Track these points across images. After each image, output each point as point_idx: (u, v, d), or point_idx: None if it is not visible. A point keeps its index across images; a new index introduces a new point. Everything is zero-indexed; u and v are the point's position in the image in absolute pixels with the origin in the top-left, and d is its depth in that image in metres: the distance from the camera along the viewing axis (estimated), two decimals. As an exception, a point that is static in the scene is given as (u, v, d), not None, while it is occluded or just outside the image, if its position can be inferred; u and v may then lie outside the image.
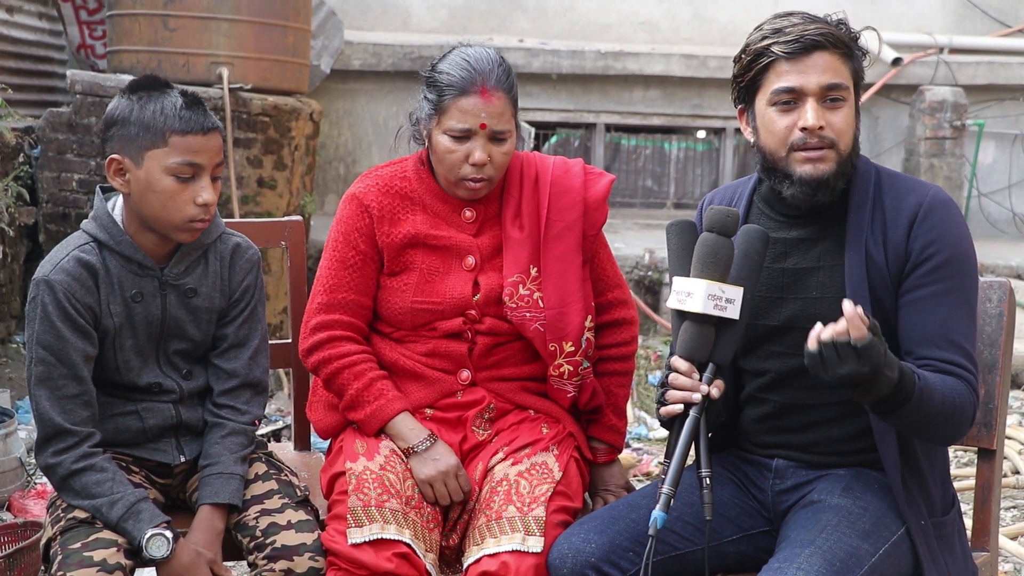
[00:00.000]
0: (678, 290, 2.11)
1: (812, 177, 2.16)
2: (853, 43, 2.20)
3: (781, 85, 2.16)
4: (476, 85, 2.41)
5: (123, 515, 2.24)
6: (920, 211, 2.18)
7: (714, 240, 2.09)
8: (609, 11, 8.38)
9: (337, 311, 2.51)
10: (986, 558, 2.39)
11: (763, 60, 2.17)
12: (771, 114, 2.19)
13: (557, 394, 2.55)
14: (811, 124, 2.14)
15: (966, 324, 2.15)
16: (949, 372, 2.11)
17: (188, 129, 2.28)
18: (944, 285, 2.14)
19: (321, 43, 6.80)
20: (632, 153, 8.31)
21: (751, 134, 2.26)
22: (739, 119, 2.29)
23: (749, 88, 2.22)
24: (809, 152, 2.16)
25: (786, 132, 2.17)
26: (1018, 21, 8.65)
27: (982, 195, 8.41)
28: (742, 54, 2.22)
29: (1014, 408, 5.49)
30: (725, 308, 2.08)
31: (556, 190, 2.53)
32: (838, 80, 2.15)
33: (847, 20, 2.22)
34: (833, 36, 2.16)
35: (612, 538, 2.21)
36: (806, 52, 2.14)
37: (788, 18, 2.19)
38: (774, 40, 2.16)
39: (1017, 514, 4.26)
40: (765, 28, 2.20)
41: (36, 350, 2.29)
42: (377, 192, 2.53)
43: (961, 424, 2.12)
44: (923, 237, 2.16)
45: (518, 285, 2.49)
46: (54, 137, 5.52)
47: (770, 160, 2.21)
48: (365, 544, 2.28)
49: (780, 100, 2.17)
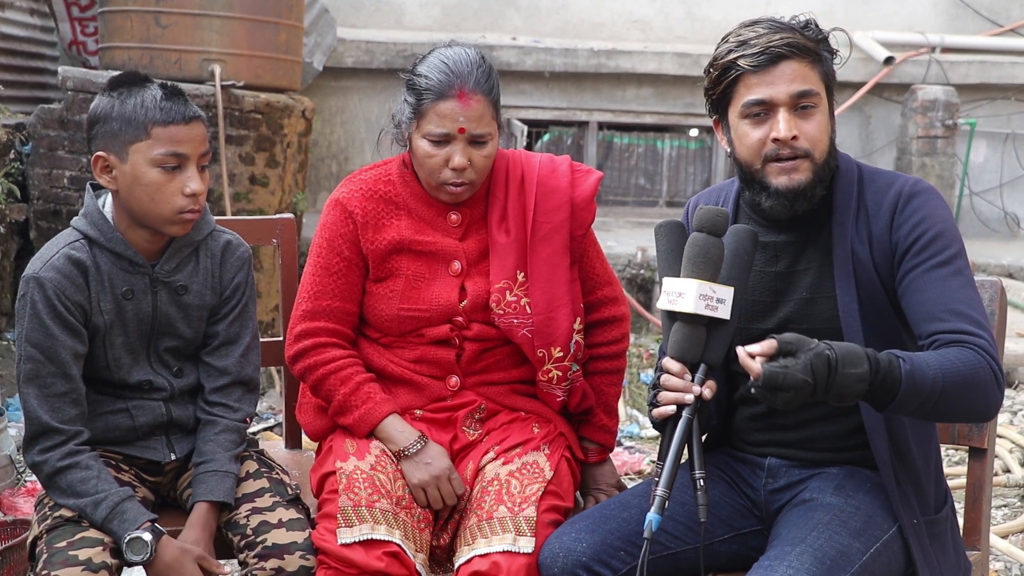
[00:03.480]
0: (668, 291, 2.10)
1: (788, 188, 2.16)
2: (821, 46, 2.18)
3: (751, 98, 2.15)
4: (454, 89, 2.38)
5: (107, 515, 2.23)
6: (900, 200, 2.18)
7: (704, 240, 2.08)
8: (602, 9, 8.37)
9: (322, 318, 2.49)
10: (977, 557, 2.40)
11: (731, 73, 2.17)
12: (743, 127, 2.18)
13: (547, 398, 2.54)
14: (783, 135, 2.14)
15: (964, 291, 2.11)
16: (956, 343, 2.05)
17: (169, 120, 2.27)
18: (935, 260, 2.12)
19: (314, 40, 6.79)
20: (625, 151, 8.31)
21: (727, 144, 2.26)
22: (715, 130, 2.28)
23: (721, 100, 2.22)
24: (783, 163, 2.15)
25: (759, 144, 2.17)
26: (1010, 20, 8.66)
27: (974, 194, 8.43)
28: (711, 67, 2.21)
29: (1005, 407, 5.50)
30: (716, 308, 2.07)
31: (543, 191, 2.50)
32: (807, 87, 2.14)
33: (814, 20, 2.20)
34: (798, 44, 2.14)
35: (603, 537, 2.21)
36: (772, 63, 2.13)
37: (753, 28, 2.17)
38: (740, 53, 2.15)
39: (1008, 513, 4.27)
40: (731, 40, 2.18)
41: (25, 348, 2.28)
42: (361, 197, 2.50)
43: (981, 392, 2.03)
44: (907, 223, 2.16)
45: (505, 291, 2.47)
46: (45, 134, 5.50)
47: (747, 172, 2.21)
48: (356, 544, 2.27)
49: (751, 112, 2.16)
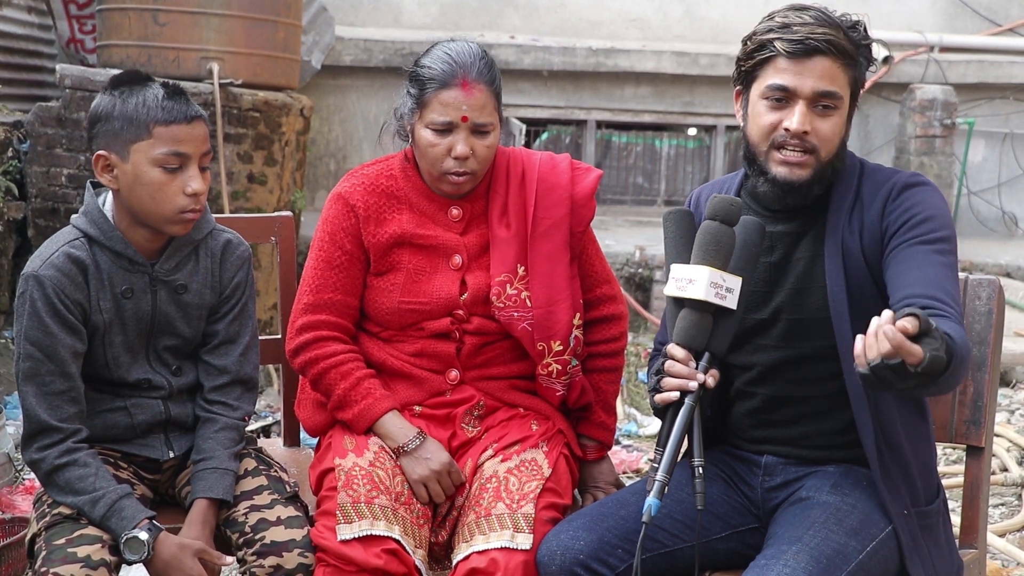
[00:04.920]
0: (678, 277, 2.09)
1: (785, 180, 2.17)
2: (859, 51, 2.18)
3: (776, 82, 2.16)
4: (457, 78, 2.40)
5: (105, 513, 2.23)
6: (893, 190, 2.18)
7: (717, 228, 2.08)
8: (600, 8, 8.37)
9: (323, 311, 2.50)
10: (974, 555, 2.40)
11: (765, 52, 2.17)
12: (761, 106, 2.19)
13: (546, 393, 2.55)
14: (795, 128, 2.14)
15: (944, 269, 2.06)
16: (943, 315, 1.98)
17: (171, 119, 2.27)
18: (923, 239, 2.11)
19: (312, 39, 6.79)
20: (623, 150, 8.30)
21: (742, 118, 2.27)
22: (735, 100, 2.29)
23: (748, 74, 2.22)
24: (788, 154, 2.16)
25: (770, 128, 2.18)
26: (1008, 20, 8.67)
27: (972, 193, 8.43)
28: (748, 40, 2.22)
29: (1002, 406, 5.50)
30: (725, 297, 2.07)
31: (543, 187, 2.52)
32: (832, 88, 2.15)
33: (864, 24, 2.19)
34: (838, 44, 2.14)
35: (601, 535, 2.21)
36: (807, 55, 2.14)
37: (800, 14, 2.16)
38: (780, 35, 2.15)
39: (1005, 511, 4.27)
40: (776, 19, 2.18)
41: (24, 346, 2.28)
42: (363, 191, 2.52)
43: (967, 365, 1.98)
44: (898, 209, 2.16)
45: (505, 284, 2.49)
46: (43, 132, 5.50)
47: (752, 150, 2.22)
48: (354, 540, 2.27)
49: (772, 96, 2.17)
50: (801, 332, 2.23)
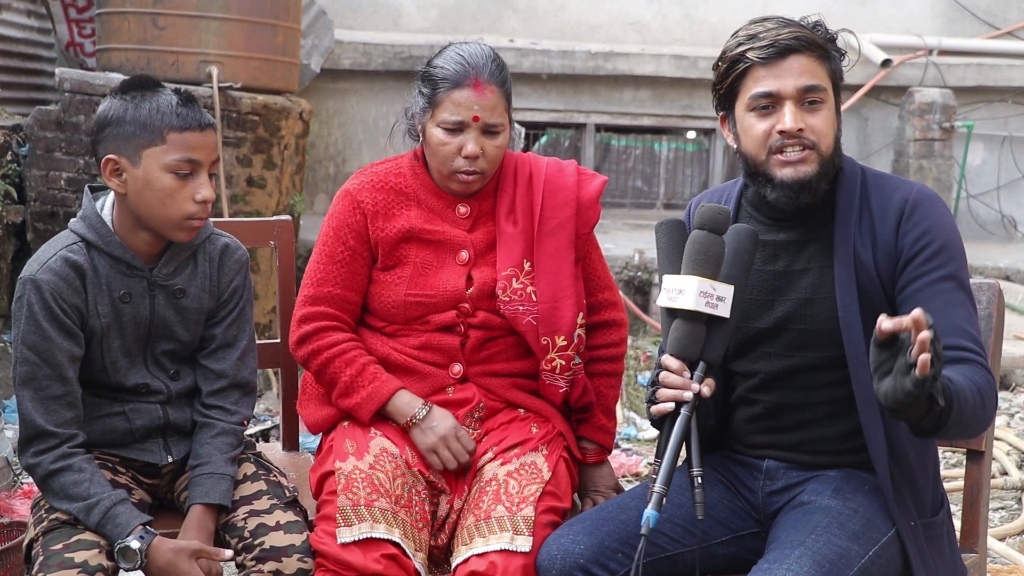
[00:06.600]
0: (668, 288, 2.10)
1: (793, 180, 2.17)
2: (829, 44, 2.20)
3: (758, 90, 2.17)
4: (469, 78, 2.44)
5: (100, 520, 2.23)
6: (907, 207, 2.19)
7: (705, 237, 2.08)
8: (599, 11, 8.38)
9: (323, 304, 2.53)
10: (975, 559, 2.40)
11: (739, 66, 2.19)
12: (750, 119, 2.19)
13: (549, 390, 2.55)
14: (789, 127, 2.15)
15: (964, 309, 2.13)
16: (961, 360, 2.05)
17: (186, 126, 2.28)
18: (941, 272, 2.13)
19: (311, 42, 6.79)
20: (622, 153, 8.31)
21: (733, 140, 2.27)
22: (721, 126, 2.30)
23: (728, 95, 2.23)
24: (789, 155, 2.16)
25: (764, 136, 2.18)
26: (1007, 23, 8.67)
27: (971, 197, 8.44)
28: (719, 62, 2.23)
29: (1002, 409, 5.50)
30: (716, 306, 2.07)
31: (550, 188, 2.55)
32: (815, 82, 2.16)
33: (823, 21, 2.22)
34: (807, 39, 2.16)
35: (601, 539, 2.20)
36: (781, 56, 2.15)
37: (763, 23, 2.20)
38: (749, 46, 2.17)
39: (1005, 515, 4.27)
40: (740, 35, 2.21)
41: (21, 350, 2.28)
42: (371, 188, 2.54)
43: (990, 412, 2.06)
44: (913, 231, 2.17)
45: (511, 279, 2.50)
46: (42, 135, 5.50)
47: (752, 165, 2.22)
48: (354, 545, 2.27)
49: (758, 105, 2.18)
50: (808, 341, 2.23)
